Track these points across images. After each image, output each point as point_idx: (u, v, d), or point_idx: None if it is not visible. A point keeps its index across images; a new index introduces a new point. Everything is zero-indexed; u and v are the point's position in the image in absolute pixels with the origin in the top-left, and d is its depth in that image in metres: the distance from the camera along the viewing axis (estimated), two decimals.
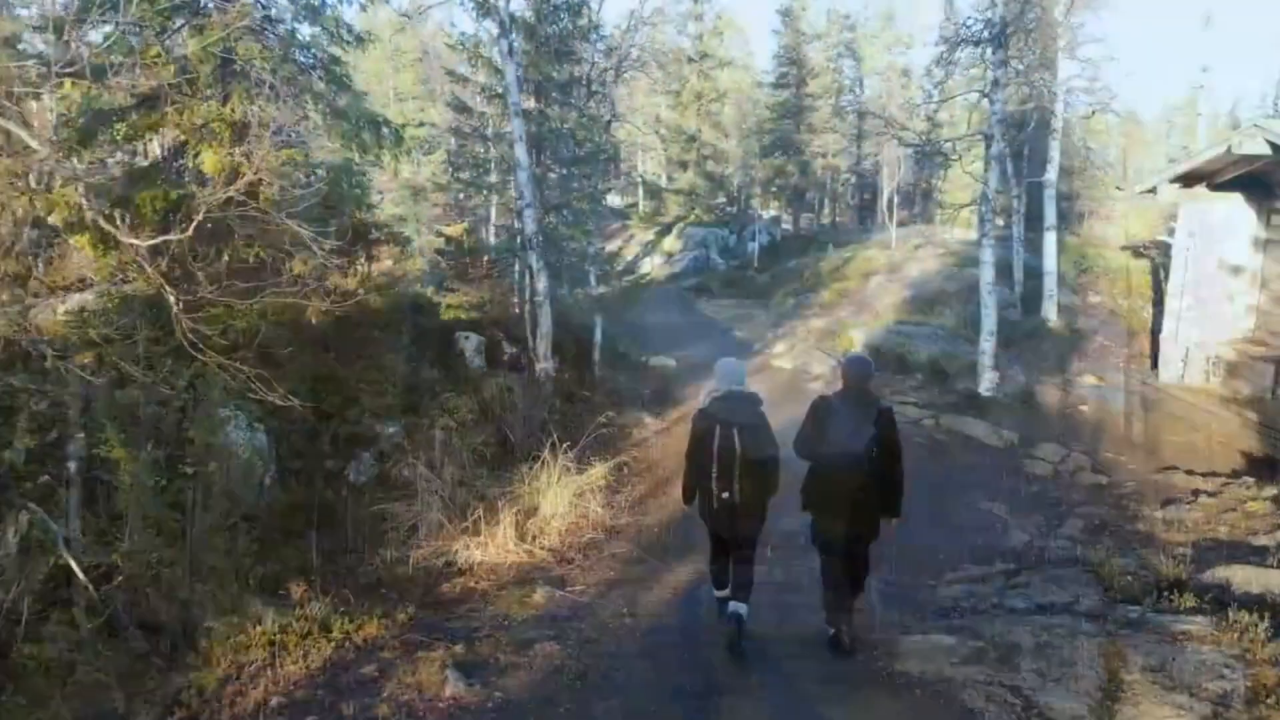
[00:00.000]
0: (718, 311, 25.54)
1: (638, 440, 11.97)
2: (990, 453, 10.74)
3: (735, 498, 5.58)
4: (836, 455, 5.50)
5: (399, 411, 11.24)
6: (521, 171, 12.61)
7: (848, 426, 5.50)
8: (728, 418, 5.58)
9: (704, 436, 5.68)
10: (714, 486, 5.63)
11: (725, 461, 5.54)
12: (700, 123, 39.28)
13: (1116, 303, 19.70)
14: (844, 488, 5.55)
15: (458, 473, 9.85)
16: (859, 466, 5.47)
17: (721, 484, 5.59)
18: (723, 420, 5.58)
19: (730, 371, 5.88)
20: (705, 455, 5.66)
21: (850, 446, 5.46)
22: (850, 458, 5.46)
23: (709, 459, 5.62)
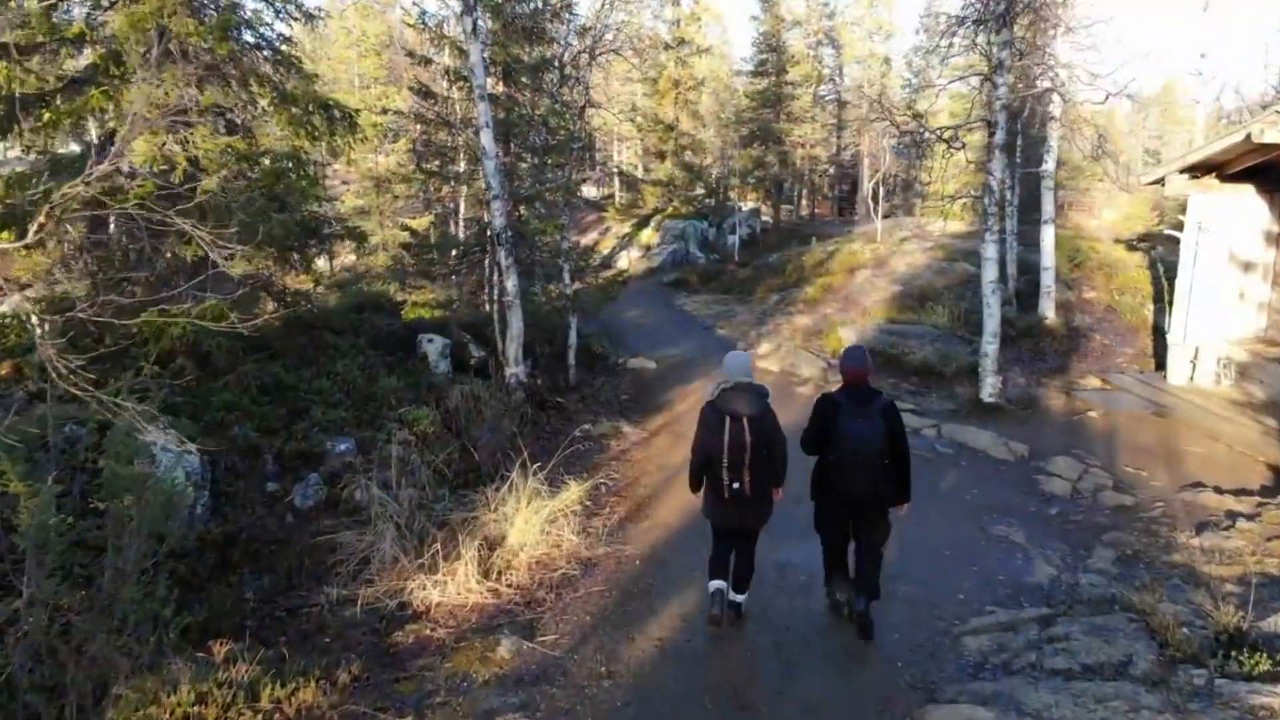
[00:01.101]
0: (698, 308, 24.66)
1: (616, 453, 11.08)
2: (1000, 468, 9.92)
3: (745, 489, 5.76)
4: (847, 452, 5.76)
5: (352, 425, 10.30)
6: (488, 160, 11.66)
7: (856, 422, 5.74)
8: (737, 409, 5.73)
9: (713, 428, 5.81)
10: (724, 477, 5.77)
11: (735, 453, 5.69)
12: (678, 111, 38.35)
13: (1113, 298, 19.01)
14: (859, 481, 5.82)
15: (416, 495, 8.94)
16: (870, 462, 5.75)
17: (731, 475, 5.75)
18: (732, 412, 5.73)
19: (739, 364, 6.01)
20: (715, 447, 5.78)
21: (861, 442, 5.72)
22: (861, 454, 5.73)
23: (719, 450, 5.75)
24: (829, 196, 58.37)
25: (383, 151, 23.93)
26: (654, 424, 12.59)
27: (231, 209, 10.27)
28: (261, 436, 9.57)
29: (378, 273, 20.82)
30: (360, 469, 9.34)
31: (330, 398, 10.62)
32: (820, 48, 50.05)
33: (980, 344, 13.57)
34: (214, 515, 8.37)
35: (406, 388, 11.47)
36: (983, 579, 6.96)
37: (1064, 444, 10.76)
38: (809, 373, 14.74)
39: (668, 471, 10.15)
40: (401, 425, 10.34)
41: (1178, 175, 13.56)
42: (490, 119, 11.66)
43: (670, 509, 8.91)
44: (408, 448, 9.96)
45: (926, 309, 18.63)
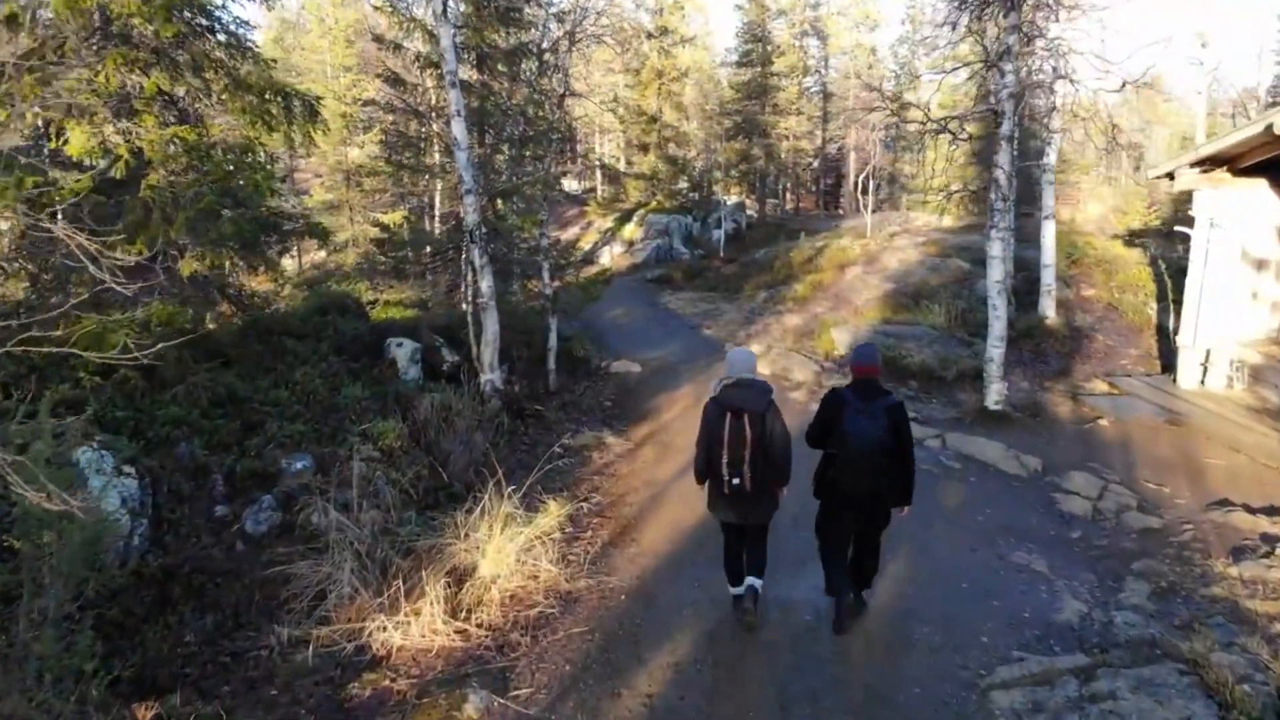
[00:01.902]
0: (683, 306, 23.96)
1: (599, 466, 10.38)
2: (1012, 484, 9.27)
3: (745, 485, 5.80)
4: (852, 447, 5.78)
5: (311, 440, 9.54)
6: (460, 152, 10.91)
7: (862, 419, 5.76)
8: (740, 405, 5.79)
9: (715, 424, 5.85)
10: (725, 473, 5.82)
11: (736, 448, 5.76)
12: (661, 103, 37.63)
13: (1114, 296, 18.48)
14: (860, 478, 5.85)
15: (380, 518, 8.20)
16: (875, 458, 5.77)
17: (732, 470, 5.80)
18: (734, 408, 5.78)
19: (742, 360, 6.10)
20: (716, 442, 5.84)
21: (866, 439, 5.74)
22: (866, 450, 5.75)
23: (720, 446, 5.81)
24: (813, 190, 57.87)
25: (352, 143, 23.09)
26: (639, 433, 11.90)
27: (180, 205, 9.53)
28: (211, 454, 8.82)
29: (348, 270, 20.03)
30: (319, 489, 8.60)
31: (288, 410, 9.87)
32: (805, 38, 49.50)
33: (984, 347, 12.98)
34: (153, 546, 7.59)
35: (372, 397, 10.74)
36: (1006, 617, 6.31)
37: (1078, 456, 10.14)
38: (802, 376, 14.09)
39: (655, 488, 9.46)
40: (365, 439, 9.61)
41: (1188, 169, 12.98)
42: (463, 107, 10.91)
43: (658, 532, 8.22)
44: (371, 465, 9.25)
45: (922, 308, 18.02)
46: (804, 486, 6.37)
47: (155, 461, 8.30)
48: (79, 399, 8.35)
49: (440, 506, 8.97)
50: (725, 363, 6.23)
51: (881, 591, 6.71)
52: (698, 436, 6.05)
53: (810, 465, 6.21)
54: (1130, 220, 27.63)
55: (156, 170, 9.75)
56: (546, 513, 8.24)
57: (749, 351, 6.49)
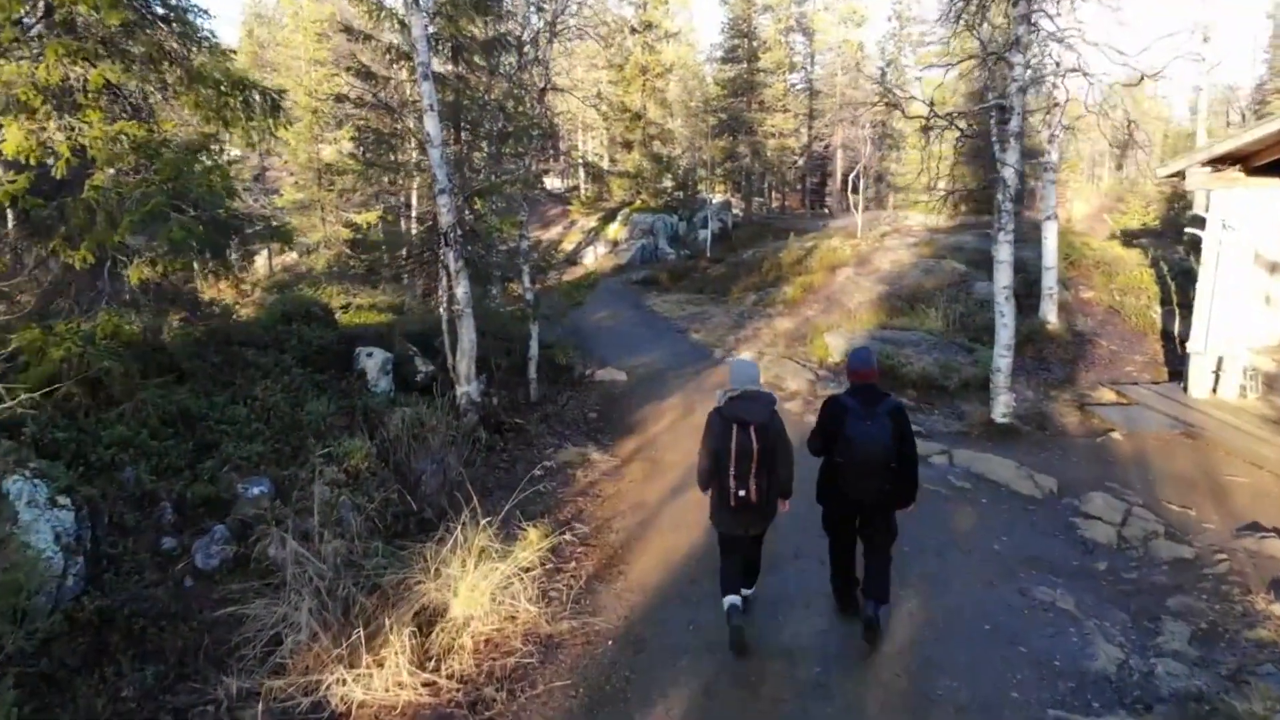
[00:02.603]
0: (670, 309, 23.34)
1: (583, 486, 9.74)
2: (1028, 507, 8.67)
3: (751, 496, 5.78)
4: (859, 453, 5.79)
5: (270, 461, 8.85)
6: (433, 149, 10.25)
7: (864, 424, 5.78)
8: (745, 417, 5.77)
9: (721, 436, 5.81)
10: (731, 484, 5.78)
11: (743, 460, 5.73)
12: (646, 99, 37.01)
13: (1114, 299, 17.99)
14: (867, 483, 5.88)
15: (343, 549, 7.54)
16: (881, 462, 5.80)
17: (739, 482, 5.76)
18: (740, 419, 5.76)
19: (746, 372, 6.07)
20: (723, 454, 5.79)
21: (869, 445, 5.76)
22: (873, 455, 5.77)
23: (727, 457, 5.77)
24: (798, 189, 57.39)
25: (324, 140, 22.32)
26: (626, 449, 11.27)
27: (125, 207, 8.82)
28: (159, 480, 8.11)
29: (320, 274, 19.29)
30: (277, 517, 7.93)
31: (246, 428, 9.16)
32: (791, 34, 49.01)
33: (986, 354, 12.48)
34: (90, 585, 6.87)
35: (338, 413, 10.06)
36: (1036, 666, 5.71)
37: (1094, 474, 9.57)
38: (795, 385, 13.49)
39: (643, 511, 8.83)
40: (329, 460, 8.94)
41: (1200, 167, 12.46)
42: (436, 101, 10.26)
43: (648, 562, 7.59)
44: (336, 489, 8.60)
45: (918, 312, 17.47)
46: (804, 512, 6.38)
47: (96, 489, 7.58)
48: (15, 420, 7.65)
49: (410, 534, 8.33)
50: (729, 374, 6.19)
51: (897, 634, 6.12)
52: (700, 448, 6.03)
53: (806, 480, 6.23)
54: (1128, 220, 27.21)
55: (102, 170, 9.07)
56: (525, 543, 7.60)
57: (752, 362, 6.40)
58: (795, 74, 50.80)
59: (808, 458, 6.23)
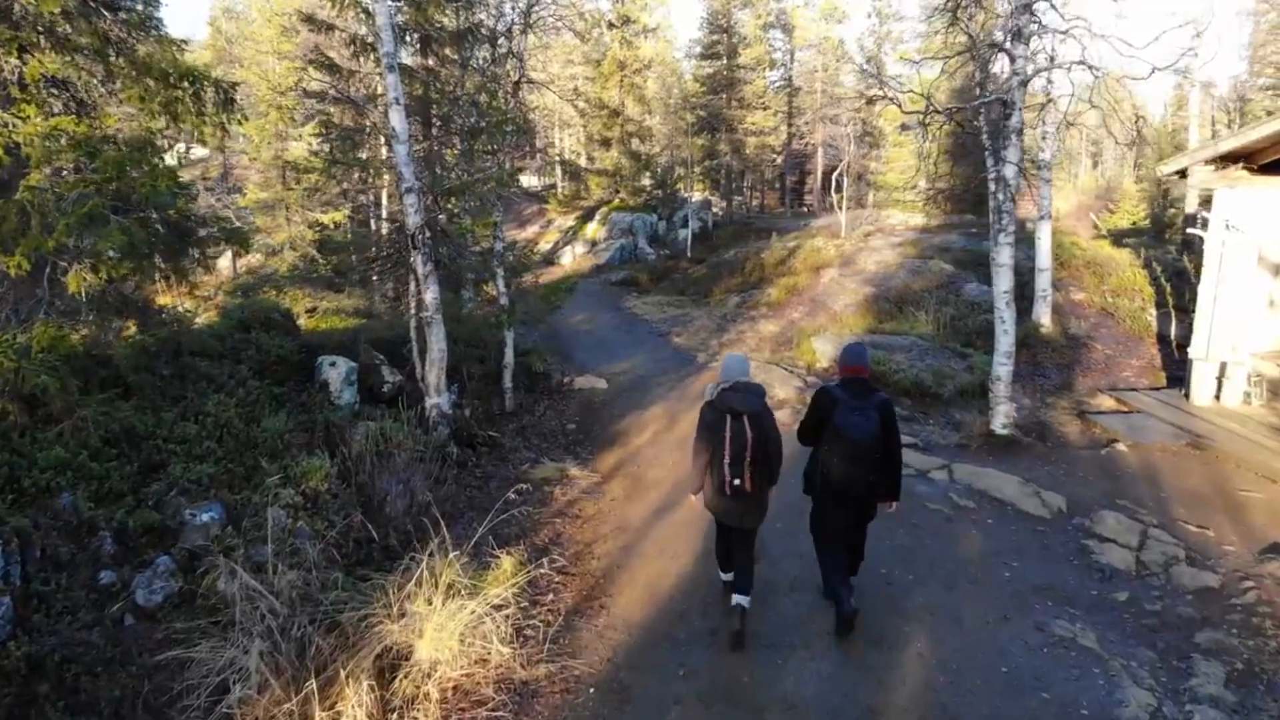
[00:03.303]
0: (650, 311, 22.81)
1: (561, 506, 9.17)
2: (1036, 528, 8.17)
3: (746, 485, 5.97)
4: (849, 443, 5.97)
5: (222, 484, 8.20)
6: (399, 145, 9.65)
7: (853, 416, 5.96)
8: (737, 408, 5.96)
9: (714, 427, 6.02)
10: (726, 474, 5.96)
11: (737, 450, 5.92)
12: (624, 95, 36.47)
13: (1107, 301, 17.64)
14: (855, 473, 6.05)
15: (300, 581, 6.96)
16: (870, 453, 5.99)
17: (734, 471, 5.95)
18: (733, 411, 5.95)
19: (737, 366, 6.26)
20: (718, 445, 5.98)
21: (858, 436, 5.94)
22: (858, 446, 5.96)
23: (721, 448, 5.95)
24: (777, 187, 56.98)
25: (289, 137, 21.57)
26: (606, 463, 10.72)
27: (63, 209, 8.16)
28: (99, 507, 7.46)
29: (284, 276, 18.57)
30: (228, 546, 7.33)
31: (196, 447, 8.53)
32: (770, 30, 48.63)
33: (980, 360, 12.03)
34: (18, 628, 6.25)
35: (298, 428, 9.44)
36: (1062, 714, 5.22)
37: (1103, 491, 9.11)
38: (784, 393, 12.98)
39: (626, 534, 8.27)
40: (286, 481, 8.34)
41: (1203, 165, 12.08)
42: (402, 94, 9.65)
43: (633, 595, 7.03)
44: (293, 513, 8.02)
45: (907, 315, 17.05)
46: (802, 544, 6.48)
47: (28, 519, 6.95)
48: None
49: (373, 563, 7.74)
50: (720, 368, 6.39)
51: (909, 679, 5.61)
52: (694, 443, 6.25)
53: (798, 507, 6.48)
54: (1117, 220, 26.94)
55: (38, 169, 8.40)
56: (499, 573, 7.04)
57: (743, 357, 6.49)
58: (775, 71, 50.47)
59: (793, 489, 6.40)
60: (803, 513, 6.78)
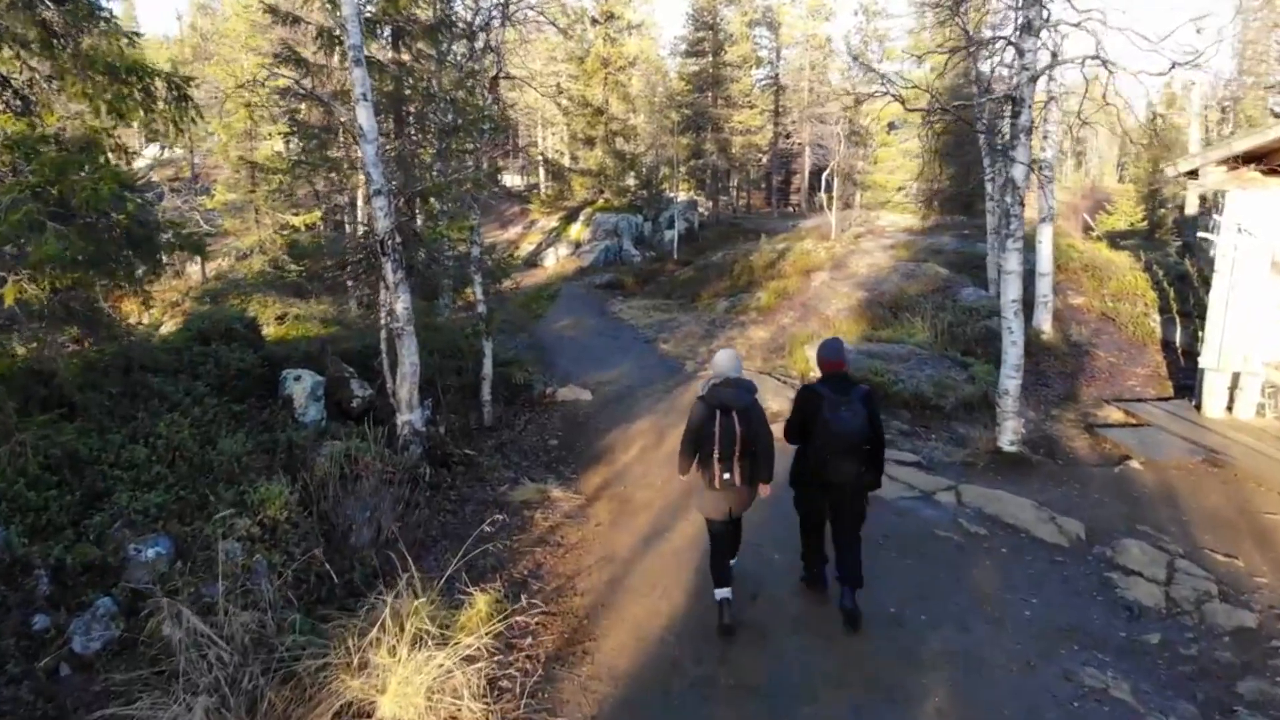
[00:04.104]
0: (636, 316, 22.23)
1: (543, 532, 8.59)
2: (1055, 558, 7.63)
3: (735, 479, 6.09)
4: (836, 438, 6.06)
5: (172, 514, 7.57)
6: (367, 144, 9.05)
7: (839, 411, 6.06)
8: (729, 403, 6.05)
9: (705, 422, 6.10)
10: (716, 468, 6.07)
11: (726, 445, 6.01)
12: (608, 93, 35.89)
13: (1107, 305, 17.21)
14: (843, 466, 6.15)
15: (254, 624, 6.37)
16: (854, 448, 6.11)
17: (723, 465, 6.06)
18: (724, 406, 6.05)
19: (728, 361, 6.34)
20: (708, 439, 6.07)
21: (845, 430, 6.05)
22: (846, 440, 6.07)
23: (711, 442, 6.05)
24: (762, 187, 56.52)
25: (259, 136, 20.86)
26: (591, 483, 10.15)
27: None
28: (35, 542, 6.84)
29: (250, 282, 17.85)
30: (175, 585, 6.72)
31: (145, 473, 7.90)
32: (756, 27, 48.19)
33: (987, 371, 11.54)
34: None
35: (257, 450, 8.82)
36: None
37: (1121, 515, 8.60)
38: (778, 405, 12.39)
39: (613, 566, 7.70)
40: (242, 510, 7.72)
41: (1215, 166, 11.62)
42: (370, 89, 9.05)
43: (620, 638, 6.45)
44: (249, 546, 7.42)
45: (903, 322, 16.56)
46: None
47: None
48: None
49: (335, 601, 7.14)
50: (712, 363, 6.50)
51: None
52: (684, 437, 6.34)
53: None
54: (1114, 221, 26.57)
55: None
56: (471, 614, 6.46)
57: (734, 353, 6.53)
58: (761, 69, 50.05)
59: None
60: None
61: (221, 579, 6.59)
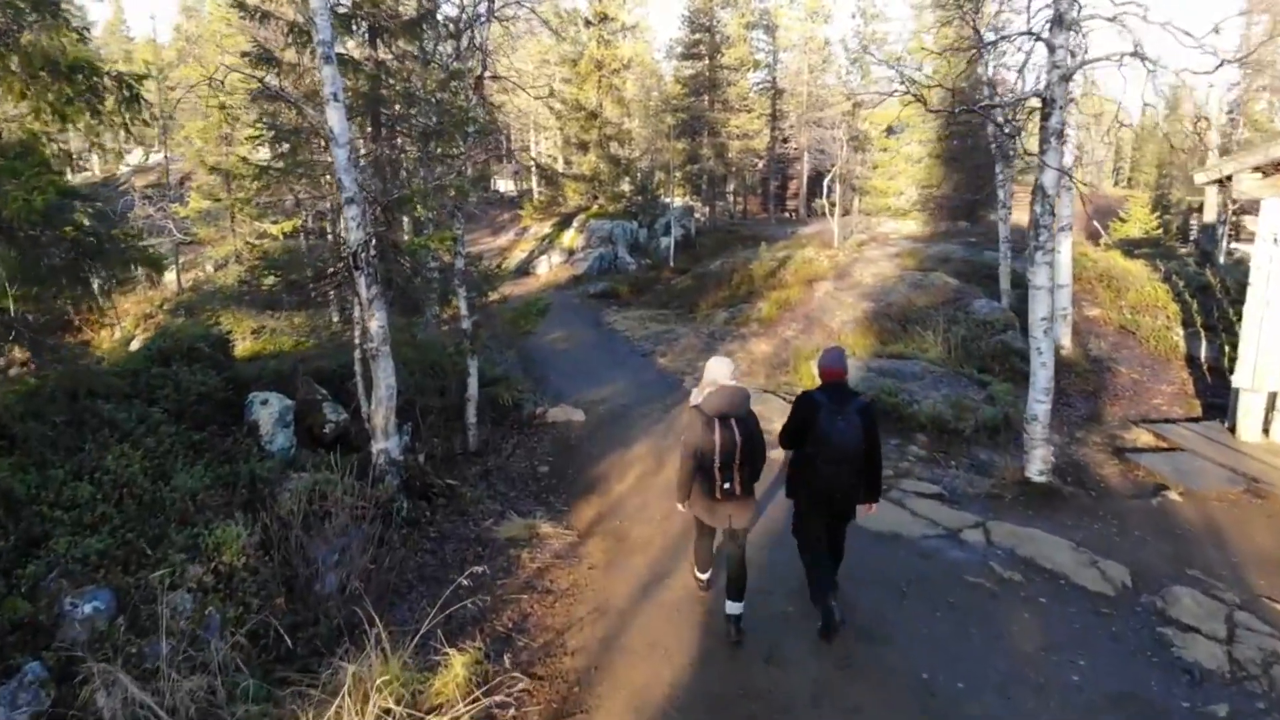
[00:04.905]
0: (632, 327, 21.51)
1: (530, 576, 7.86)
2: (1100, 609, 6.89)
3: (736, 487, 6.10)
4: (833, 448, 6.12)
5: (116, 561, 6.84)
6: (339, 148, 8.35)
7: (836, 421, 6.11)
8: (725, 411, 6.06)
9: (704, 431, 6.04)
10: (716, 477, 6.06)
11: (726, 453, 6.01)
12: (602, 96, 35.20)
13: (1126, 318, 16.55)
14: (839, 477, 6.21)
15: (202, 690, 5.68)
16: (853, 457, 6.16)
17: (724, 474, 6.05)
18: (720, 415, 6.04)
19: (722, 369, 6.32)
20: (708, 450, 6.03)
21: (842, 440, 6.10)
22: (842, 451, 6.12)
23: (711, 452, 6.02)
24: (758, 193, 55.84)
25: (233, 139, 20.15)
26: (584, 516, 9.44)
27: None
28: None
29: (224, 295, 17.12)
30: (115, 645, 6.02)
31: (89, 514, 7.17)
32: (754, 30, 47.60)
33: (1006, 390, 10.88)
34: None
35: (217, 485, 8.09)
36: None
37: (1166, 556, 7.89)
38: None
39: (608, 619, 6.96)
40: (196, 556, 7.01)
41: (1250, 173, 11.00)
42: (340, 88, 8.34)
43: (616, 709, 5.71)
44: (201, 597, 6.71)
45: (912, 335, 15.86)
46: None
47: None
48: None
49: (297, 660, 6.42)
50: (705, 370, 6.42)
51: None
52: (684, 448, 6.27)
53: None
54: (1128, 229, 25.93)
55: None
56: (446, 678, 5.75)
57: (727, 359, 6.50)
58: (759, 72, 49.42)
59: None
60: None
61: (166, 637, 5.92)
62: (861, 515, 6.64)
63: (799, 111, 46.39)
